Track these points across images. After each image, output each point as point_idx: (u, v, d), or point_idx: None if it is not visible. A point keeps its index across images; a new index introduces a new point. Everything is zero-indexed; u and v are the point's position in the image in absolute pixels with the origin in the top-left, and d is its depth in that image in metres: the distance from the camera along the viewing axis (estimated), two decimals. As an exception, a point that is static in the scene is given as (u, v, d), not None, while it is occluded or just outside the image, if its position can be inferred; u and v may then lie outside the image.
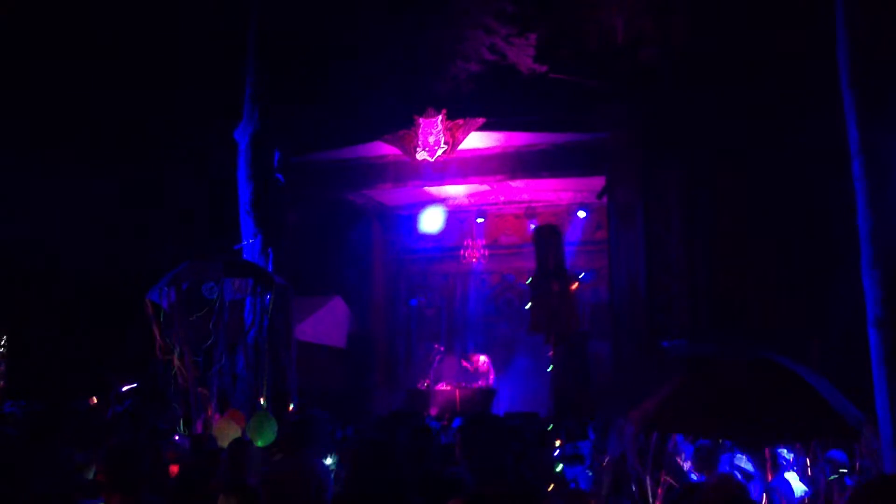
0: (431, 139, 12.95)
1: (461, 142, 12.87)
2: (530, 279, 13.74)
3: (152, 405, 6.55)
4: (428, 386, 14.34)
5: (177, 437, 6.08)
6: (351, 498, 3.45)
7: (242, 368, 6.80)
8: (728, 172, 11.40)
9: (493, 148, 13.24)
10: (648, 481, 4.09)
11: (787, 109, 10.30)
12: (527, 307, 13.87)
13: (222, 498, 4.57)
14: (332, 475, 4.90)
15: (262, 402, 6.58)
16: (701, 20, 11.08)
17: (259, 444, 5.72)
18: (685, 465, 5.20)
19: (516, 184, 14.62)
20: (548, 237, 13.60)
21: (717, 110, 10.95)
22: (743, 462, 5.13)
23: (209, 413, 6.03)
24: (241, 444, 5.01)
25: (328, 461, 5.12)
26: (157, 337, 6.26)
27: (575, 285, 13.45)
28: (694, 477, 4.99)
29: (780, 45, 10.08)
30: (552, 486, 4.89)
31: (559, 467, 5.86)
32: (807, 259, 10.51)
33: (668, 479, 4.23)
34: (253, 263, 6.76)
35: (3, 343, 11.55)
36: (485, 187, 14.90)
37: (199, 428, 6.02)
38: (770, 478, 4.75)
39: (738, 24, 10.66)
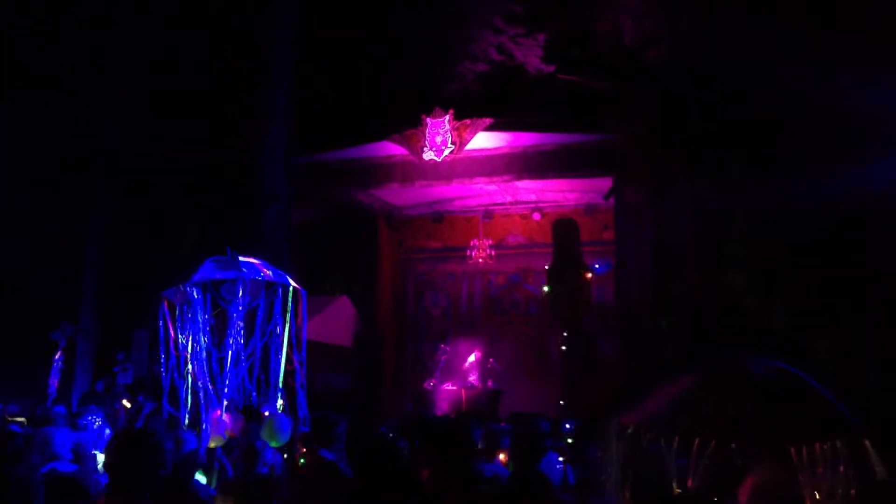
0: (439, 139, 12.96)
1: (468, 142, 12.88)
2: (548, 267, 13.92)
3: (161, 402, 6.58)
4: (434, 386, 14.36)
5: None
6: (357, 492, 3.49)
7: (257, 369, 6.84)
8: (737, 173, 11.36)
9: (500, 148, 13.25)
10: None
11: (796, 107, 10.27)
12: (545, 290, 14.17)
13: (219, 498, 4.62)
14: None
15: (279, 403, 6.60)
16: (709, 20, 11.06)
17: (273, 444, 5.75)
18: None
19: (523, 184, 14.63)
20: (566, 229, 13.82)
21: (726, 110, 10.92)
22: None
23: (219, 412, 6.05)
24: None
25: None
26: (172, 334, 6.27)
27: (589, 275, 13.66)
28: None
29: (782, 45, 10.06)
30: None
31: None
32: (819, 260, 10.46)
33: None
34: (269, 265, 6.77)
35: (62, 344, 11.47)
36: (492, 187, 14.91)
37: (206, 426, 6.05)
38: None
39: (745, 25, 10.64)
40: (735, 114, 10.66)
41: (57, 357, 10.37)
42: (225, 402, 5.87)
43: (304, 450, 5.12)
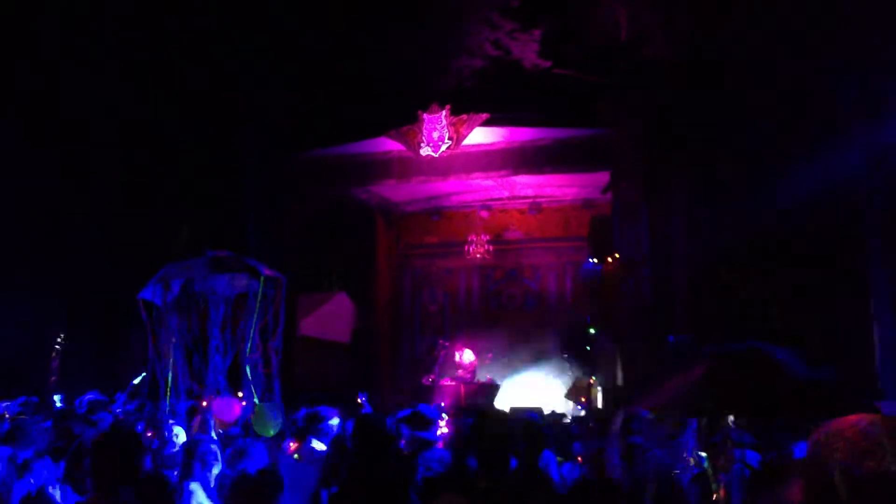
0: (435, 135, 12.95)
1: (465, 137, 12.87)
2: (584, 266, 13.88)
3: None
4: (433, 381, 14.37)
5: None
6: (352, 489, 3.51)
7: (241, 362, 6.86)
8: (732, 167, 11.36)
9: (497, 143, 13.23)
10: (711, 469, 4.07)
11: (790, 105, 10.27)
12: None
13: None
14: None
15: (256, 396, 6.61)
16: (705, 16, 11.04)
17: (269, 434, 5.76)
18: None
19: (520, 179, 14.61)
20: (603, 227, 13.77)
21: (722, 105, 10.91)
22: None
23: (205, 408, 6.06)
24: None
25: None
26: (154, 335, 6.29)
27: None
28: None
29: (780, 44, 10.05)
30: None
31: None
32: (812, 255, 10.48)
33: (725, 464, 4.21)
34: (238, 256, 6.75)
35: (60, 340, 11.61)
36: (489, 182, 14.89)
37: (195, 422, 6.06)
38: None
39: (740, 22, 10.63)
40: (730, 109, 10.65)
41: (54, 356, 10.47)
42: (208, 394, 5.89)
43: (296, 443, 5.14)
